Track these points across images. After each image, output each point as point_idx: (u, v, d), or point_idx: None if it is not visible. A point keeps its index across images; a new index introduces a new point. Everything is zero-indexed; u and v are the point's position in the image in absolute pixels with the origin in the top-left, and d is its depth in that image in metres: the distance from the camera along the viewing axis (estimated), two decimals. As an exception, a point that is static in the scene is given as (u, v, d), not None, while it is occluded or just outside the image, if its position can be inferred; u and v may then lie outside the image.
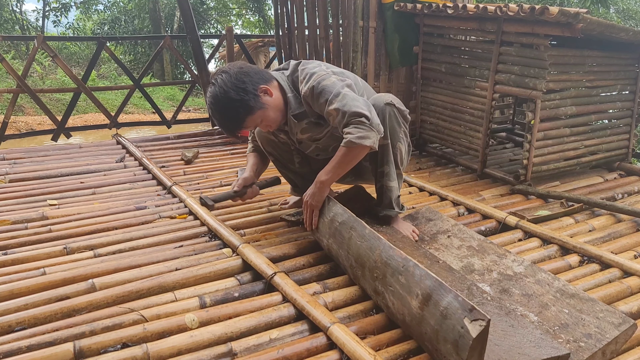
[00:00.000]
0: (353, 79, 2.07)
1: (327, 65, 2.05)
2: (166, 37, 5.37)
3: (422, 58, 3.74)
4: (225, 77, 1.91)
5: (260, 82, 1.95)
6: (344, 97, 1.85)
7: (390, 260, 1.54)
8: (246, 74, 1.94)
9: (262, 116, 1.97)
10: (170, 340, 1.44)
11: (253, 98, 1.92)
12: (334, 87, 1.88)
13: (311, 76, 1.94)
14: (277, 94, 2.00)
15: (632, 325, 1.51)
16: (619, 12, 12.86)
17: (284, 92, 2.03)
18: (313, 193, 1.95)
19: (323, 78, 1.92)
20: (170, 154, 3.59)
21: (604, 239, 2.33)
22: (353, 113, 1.81)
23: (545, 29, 2.74)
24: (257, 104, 1.93)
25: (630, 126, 3.42)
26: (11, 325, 1.50)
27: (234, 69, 1.94)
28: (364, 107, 1.84)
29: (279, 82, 2.03)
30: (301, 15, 4.04)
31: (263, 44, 10.88)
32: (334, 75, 1.94)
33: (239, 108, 1.92)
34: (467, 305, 1.25)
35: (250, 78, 1.93)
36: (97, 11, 17.24)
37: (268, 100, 1.96)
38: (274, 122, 2.03)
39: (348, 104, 1.83)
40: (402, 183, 2.19)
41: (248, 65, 2.01)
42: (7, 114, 4.70)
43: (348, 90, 1.89)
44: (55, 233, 2.18)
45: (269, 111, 1.97)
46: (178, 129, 6.11)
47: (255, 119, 1.97)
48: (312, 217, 1.98)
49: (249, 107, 1.92)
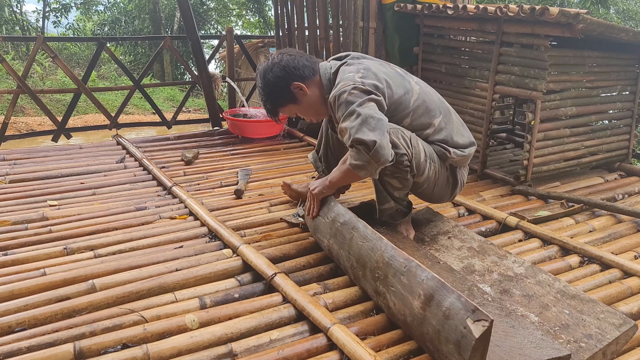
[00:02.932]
0: (400, 91, 1.93)
1: (367, 69, 1.90)
2: (166, 37, 5.37)
3: (422, 59, 3.74)
4: (266, 65, 1.99)
5: (296, 79, 1.97)
6: (357, 117, 1.75)
7: (392, 261, 1.54)
8: (284, 67, 1.96)
9: (296, 110, 2.06)
10: (171, 340, 1.44)
11: (284, 93, 1.99)
12: (351, 104, 1.79)
13: (340, 82, 1.89)
14: (314, 92, 2.01)
15: (632, 326, 1.51)
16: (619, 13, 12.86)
17: (323, 91, 2.03)
18: (320, 185, 1.99)
19: (345, 90, 1.82)
20: (171, 155, 3.59)
21: (604, 239, 2.33)
22: (356, 139, 1.73)
23: (546, 30, 2.74)
24: (289, 99, 2.00)
25: (631, 127, 3.42)
26: (11, 326, 1.50)
27: (277, 60, 1.98)
28: (371, 134, 1.72)
29: (321, 79, 2.02)
30: (301, 15, 4.04)
31: (263, 45, 10.87)
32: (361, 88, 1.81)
33: (271, 99, 2.02)
34: (470, 306, 1.25)
35: (287, 73, 1.96)
36: (97, 12, 17.24)
37: (302, 97, 2.00)
38: (310, 116, 2.11)
39: (356, 127, 1.74)
40: (403, 200, 2.08)
41: (294, 57, 1.99)
42: (7, 115, 4.70)
43: (366, 109, 1.76)
44: (55, 234, 2.18)
45: (302, 107, 2.03)
46: (178, 129, 6.11)
47: (286, 110, 2.08)
48: (313, 205, 2.02)
49: (279, 99, 2.02)
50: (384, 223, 2.13)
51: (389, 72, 1.98)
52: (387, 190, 2.02)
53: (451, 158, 2.01)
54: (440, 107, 2.05)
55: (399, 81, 1.97)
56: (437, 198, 2.17)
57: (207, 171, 3.24)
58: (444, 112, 2.04)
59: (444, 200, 2.21)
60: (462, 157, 2.04)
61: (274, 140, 4.02)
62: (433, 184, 2.04)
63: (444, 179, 2.07)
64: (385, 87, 1.89)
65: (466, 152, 2.05)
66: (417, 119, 1.96)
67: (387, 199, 2.04)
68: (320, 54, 3.99)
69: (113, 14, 16.69)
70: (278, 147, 3.85)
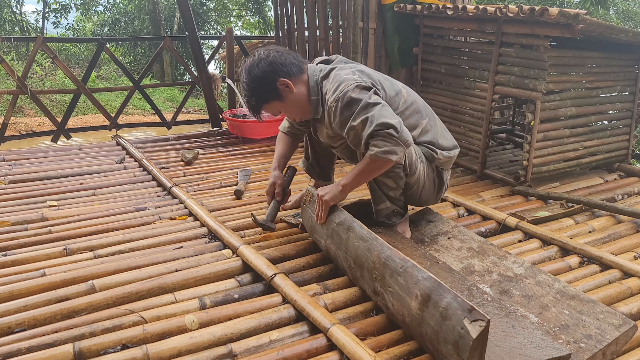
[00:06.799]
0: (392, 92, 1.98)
1: (361, 71, 1.94)
2: (166, 38, 5.37)
3: (422, 59, 3.74)
4: (252, 60, 1.94)
5: (283, 75, 1.93)
6: (373, 106, 1.77)
7: (388, 261, 1.53)
8: (271, 63, 1.92)
9: (280, 107, 2.01)
10: (170, 341, 1.44)
11: (270, 89, 1.94)
12: (361, 100, 1.79)
13: (339, 84, 1.87)
14: (300, 90, 1.97)
15: (632, 327, 1.51)
16: (618, 13, 12.86)
17: (309, 91, 1.99)
18: (331, 191, 1.92)
19: (348, 90, 1.82)
20: (170, 155, 3.59)
21: (604, 240, 2.33)
22: (381, 124, 1.73)
23: (545, 30, 2.74)
24: (274, 96, 1.95)
25: (630, 127, 3.42)
26: (11, 327, 1.50)
27: (264, 55, 1.95)
28: (393, 118, 1.76)
29: (308, 79, 1.99)
30: (301, 16, 4.04)
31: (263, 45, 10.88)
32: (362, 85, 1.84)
33: (255, 95, 1.96)
34: (466, 306, 1.25)
35: (274, 68, 1.92)
36: (97, 12, 17.23)
37: (287, 94, 1.96)
38: (293, 114, 2.06)
39: (376, 114, 1.75)
40: (399, 200, 2.09)
41: (281, 54, 1.96)
42: (7, 115, 4.70)
43: (377, 100, 1.80)
44: (55, 234, 2.17)
45: (286, 104, 1.99)
46: (178, 130, 6.10)
47: (271, 108, 2.01)
48: (322, 212, 1.95)
49: (265, 95, 1.96)
50: (381, 224, 2.13)
51: (379, 75, 2.03)
52: (382, 190, 2.03)
53: (438, 159, 2.06)
54: (426, 110, 2.10)
55: (388, 84, 2.02)
56: (424, 200, 2.18)
57: (206, 172, 3.24)
58: (429, 115, 2.09)
59: (429, 202, 2.23)
60: (448, 158, 2.09)
61: (274, 140, 4.01)
62: (422, 185, 2.08)
63: (432, 180, 2.11)
64: (380, 88, 1.93)
65: (452, 154, 2.11)
66: (406, 119, 1.98)
67: (383, 199, 2.05)
68: (320, 55, 3.99)
69: (113, 15, 16.69)
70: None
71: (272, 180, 2.24)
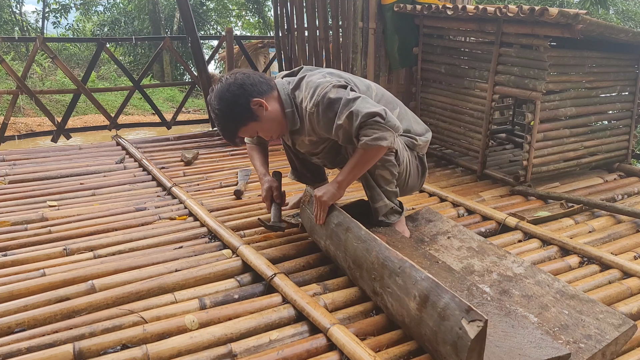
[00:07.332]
0: (363, 87, 2.02)
1: (331, 73, 1.98)
2: (166, 38, 5.37)
3: (421, 59, 3.74)
4: (220, 87, 1.90)
5: (256, 95, 1.91)
6: (354, 100, 1.80)
7: (386, 262, 1.54)
8: (241, 85, 1.89)
9: (257, 128, 1.97)
10: (170, 341, 1.44)
11: (244, 111, 1.90)
12: (341, 98, 1.81)
13: (315, 89, 1.88)
14: (274, 107, 1.96)
15: (632, 327, 1.51)
16: (618, 13, 12.87)
17: (282, 105, 1.99)
18: (328, 191, 1.92)
19: (326, 92, 1.84)
20: (170, 155, 3.59)
21: (603, 240, 2.33)
22: (366, 114, 1.76)
23: (545, 30, 2.74)
24: (249, 117, 1.92)
25: (630, 127, 3.42)
26: (11, 327, 1.50)
27: (231, 79, 1.91)
28: (376, 107, 1.79)
29: (279, 94, 1.99)
30: (301, 16, 4.04)
31: (263, 45, 10.88)
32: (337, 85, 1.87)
33: (231, 119, 1.92)
34: (464, 306, 1.25)
35: (245, 90, 1.89)
36: (96, 12, 17.24)
37: (262, 113, 1.93)
38: (271, 132, 2.03)
39: (359, 107, 1.78)
40: (396, 197, 2.11)
41: (248, 75, 1.95)
42: (6, 115, 4.70)
43: (356, 94, 1.83)
44: (55, 234, 2.17)
45: (263, 123, 1.96)
46: (178, 130, 6.10)
47: (248, 130, 1.97)
48: (321, 212, 1.95)
49: (240, 119, 1.92)
50: (380, 224, 2.13)
51: (348, 74, 2.07)
52: (380, 185, 2.04)
53: (418, 145, 2.12)
54: (396, 101, 2.16)
55: (358, 80, 2.06)
56: (410, 188, 2.21)
57: (206, 172, 3.25)
58: (399, 105, 2.15)
59: (415, 189, 2.27)
60: (425, 142, 2.18)
61: (274, 141, 4.01)
62: (409, 173, 2.13)
63: (415, 167, 2.17)
64: (353, 85, 1.98)
65: (427, 137, 2.20)
66: None
67: (381, 196, 2.06)
68: (320, 55, 3.99)
69: (113, 15, 16.69)
70: (277, 147, 3.84)
71: (268, 185, 2.23)
